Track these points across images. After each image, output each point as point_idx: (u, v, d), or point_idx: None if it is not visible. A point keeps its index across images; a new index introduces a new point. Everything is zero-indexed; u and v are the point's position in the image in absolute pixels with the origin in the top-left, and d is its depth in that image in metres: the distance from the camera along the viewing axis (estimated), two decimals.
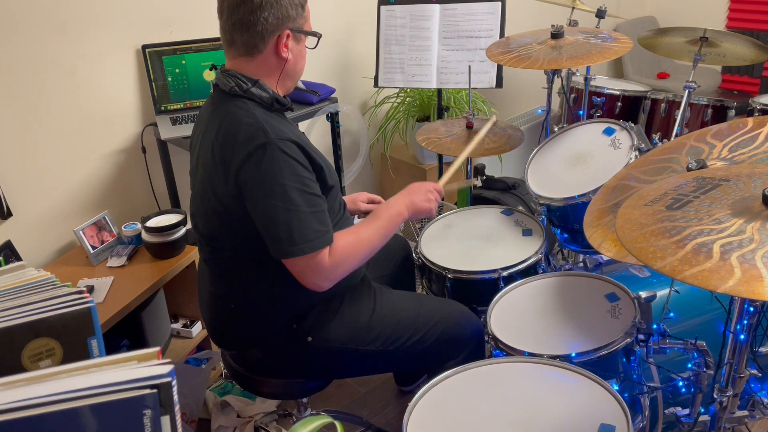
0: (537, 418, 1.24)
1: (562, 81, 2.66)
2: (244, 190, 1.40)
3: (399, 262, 2.01)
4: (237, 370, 1.68)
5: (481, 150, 2.19)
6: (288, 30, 1.46)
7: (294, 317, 1.56)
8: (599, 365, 1.44)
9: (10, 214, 2.13)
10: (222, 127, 1.45)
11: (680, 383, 1.59)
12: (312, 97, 2.54)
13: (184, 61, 2.43)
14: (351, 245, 1.48)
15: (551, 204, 1.95)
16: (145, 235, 2.21)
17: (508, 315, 1.64)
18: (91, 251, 2.19)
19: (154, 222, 2.23)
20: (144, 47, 2.36)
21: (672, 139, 2.67)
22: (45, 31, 2.12)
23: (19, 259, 2.09)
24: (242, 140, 1.40)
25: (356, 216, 1.99)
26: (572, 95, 3.20)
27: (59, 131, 2.23)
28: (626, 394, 1.51)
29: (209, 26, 2.54)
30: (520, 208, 2.21)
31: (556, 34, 2.15)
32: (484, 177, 2.84)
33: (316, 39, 1.54)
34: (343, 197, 1.93)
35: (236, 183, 1.41)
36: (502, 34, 2.61)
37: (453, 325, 1.67)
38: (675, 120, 2.80)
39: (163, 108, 2.45)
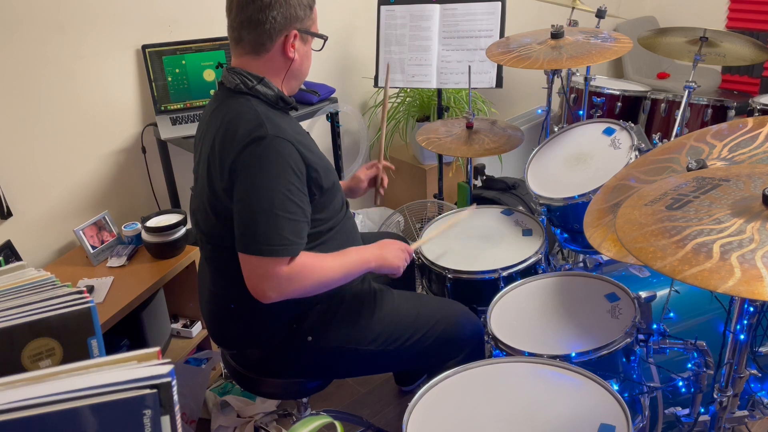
0: (537, 418, 1.24)
1: (562, 81, 2.66)
2: (234, 179, 1.40)
3: None
4: (237, 370, 1.68)
5: (481, 150, 2.19)
6: (295, 30, 1.47)
7: (294, 317, 1.56)
8: (599, 365, 1.44)
9: (10, 214, 2.13)
10: (224, 123, 1.45)
11: (680, 383, 1.59)
12: (312, 97, 2.54)
13: (184, 61, 2.44)
14: (310, 267, 1.44)
15: (551, 204, 1.95)
16: (145, 235, 2.21)
17: (508, 315, 1.64)
18: (91, 251, 2.19)
19: (154, 222, 2.23)
20: (144, 47, 2.36)
21: (672, 139, 2.67)
22: (45, 31, 2.12)
23: (19, 259, 2.09)
24: (241, 134, 1.40)
25: (355, 214, 1.98)
26: (572, 95, 3.20)
27: (59, 131, 2.23)
28: (626, 394, 1.51)
29: (209, 26, 2.54)
30: (520, 208, 2.22)
31: (556, 34, 2.15)
32: (484, 177, 2.84)
33: (322, 41, 1.54)
34: (344, 181, 1.93)
35: (229, 174, 1.41)
36: (502, 34, 2.61)
37: (453, 324, 1.67)
38: (675, 120, 2.80)
39: (163, 108, 2.45)
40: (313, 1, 1.51)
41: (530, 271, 1.88)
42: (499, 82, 2.65)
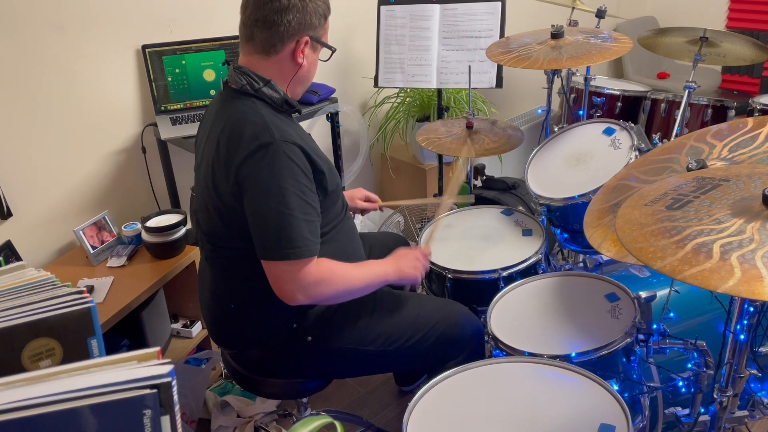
0: (537, 418, 1.24)
1: (562, 81, 2.66)
2: (243, 186, 1.41)
3: None
4: (237, 370, 1.68)
5: (481, 150, 2.19)
6: (307, 37, 1.47)
7: (294, 317, 1.56)
8: (599, 365, 1.44)
9: (10, 214, 2.13)
10: (228, 124, 1.45)
11: (680, 383, 1.59)
12: (312, 97, 2.54)
13: (184, 61, 2.43)
14: (337, 273, 1.47)
15: (551, 204, 1.95)
16: (145, 235, 2.21)
17: (508, 315, 1.64)
18: (91, 251, 2.19)
19: (154, 222, 2.23)
20: (144, 47, 2.36)
21: (672, 139, 2.67)
22: (45, 31, 2.12)
23: (19, 259, 2.09)
24: (247, 138, 1.40)
25: (354, 215, 1.99)
26: (572, 95, 3.20)
27: (59, 131, 2.23)
28: (626, 394, 1.51)
29: (209, 26, 2.54)
30: (520, 208, 2.22)
31: (556, 34, 2.15)
32: (484, 177, 2.84)
33: (330, 52, 1.55)
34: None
35: (236, 179, 1.41)
36: (502, 34, 2.61)
37: (453, 325, 1.67)
38: (675, 120, 2.80)
39: (163, 108, 2.45)
40: (328, 11, 1.51)
41: (530, 271, 1.88)
42: (499, 82, 2.65)
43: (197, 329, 2.41)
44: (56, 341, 0.88)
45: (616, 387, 1.44)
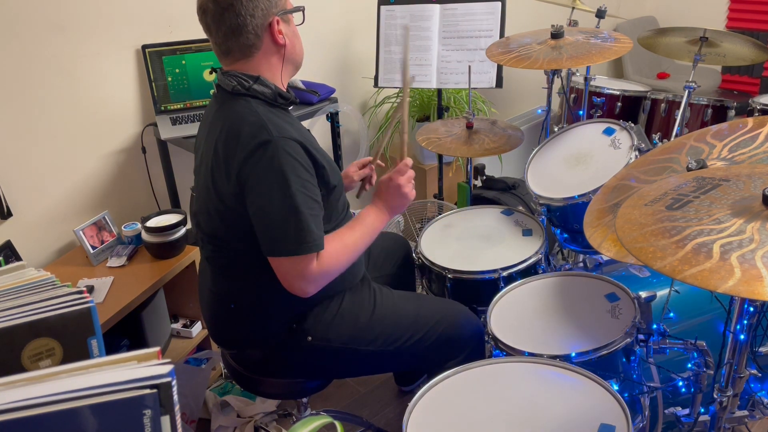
0: (537, 418, 1.24)
1: (562, 81, 2.66)
2: (245, 187, 1.40)
3: (399, 262, 2.01)
4: (237, 370, 1.68)
5: (481, 150, 2.19)
6: (275, 17, 1.46)
7: (294, 317, 1.56)
8: (599, 365, 1.44)
9: (10, 214, 2.13)
10: (226, 125, 1.45)
11: (680, 383, 1.59)
12: (312, 97, 2.54)
13: (184, 61, 2.43)
14: (338, 252, 1.48)
15: (551, 204, 1.95)
16: (145, 235, 2.21)
17: (508, 315, 1.64)
18: (91, 251, 2.19)
19: (154, 222, 2.23)
20: (144, 47, 2.36)
21: (672, 139, 2.67)
22: (45, 31, 2.12)
23: (19, 259, 2.09)
24: (245, 138, 1.40)
25: (360, 193, 1.92)
26: (572, 95, 3.20)
27: (59, 131, 2.23)
28: (626, 394, 1.51)
29: None
30: (520, 208, 2.22)
31: (556, 34, 2.15)
32: (484, 177, 2.85)
33: (302, 14, 1.53)
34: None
35: (238, 180, 1.41)
36: (502, 34, 2.61)
37: (453, 325, 1.67)
38: (675, 120, 2.80)
39: (163, 108, 2.45)
40: None
41: (530, 271, 1.88)
42: (499, 82, 2.65)
43: (197, 329, 2.41)
44: (56, 341, 0.88)
45: (616, 387, 1.44)
